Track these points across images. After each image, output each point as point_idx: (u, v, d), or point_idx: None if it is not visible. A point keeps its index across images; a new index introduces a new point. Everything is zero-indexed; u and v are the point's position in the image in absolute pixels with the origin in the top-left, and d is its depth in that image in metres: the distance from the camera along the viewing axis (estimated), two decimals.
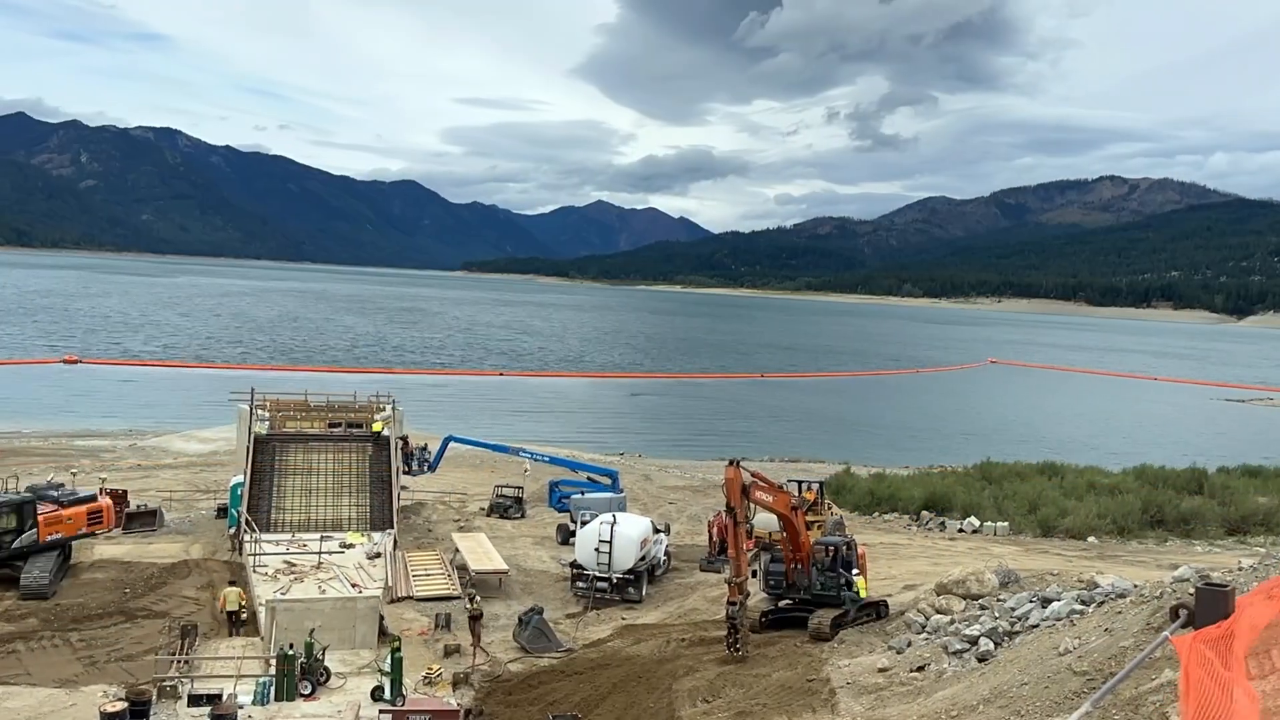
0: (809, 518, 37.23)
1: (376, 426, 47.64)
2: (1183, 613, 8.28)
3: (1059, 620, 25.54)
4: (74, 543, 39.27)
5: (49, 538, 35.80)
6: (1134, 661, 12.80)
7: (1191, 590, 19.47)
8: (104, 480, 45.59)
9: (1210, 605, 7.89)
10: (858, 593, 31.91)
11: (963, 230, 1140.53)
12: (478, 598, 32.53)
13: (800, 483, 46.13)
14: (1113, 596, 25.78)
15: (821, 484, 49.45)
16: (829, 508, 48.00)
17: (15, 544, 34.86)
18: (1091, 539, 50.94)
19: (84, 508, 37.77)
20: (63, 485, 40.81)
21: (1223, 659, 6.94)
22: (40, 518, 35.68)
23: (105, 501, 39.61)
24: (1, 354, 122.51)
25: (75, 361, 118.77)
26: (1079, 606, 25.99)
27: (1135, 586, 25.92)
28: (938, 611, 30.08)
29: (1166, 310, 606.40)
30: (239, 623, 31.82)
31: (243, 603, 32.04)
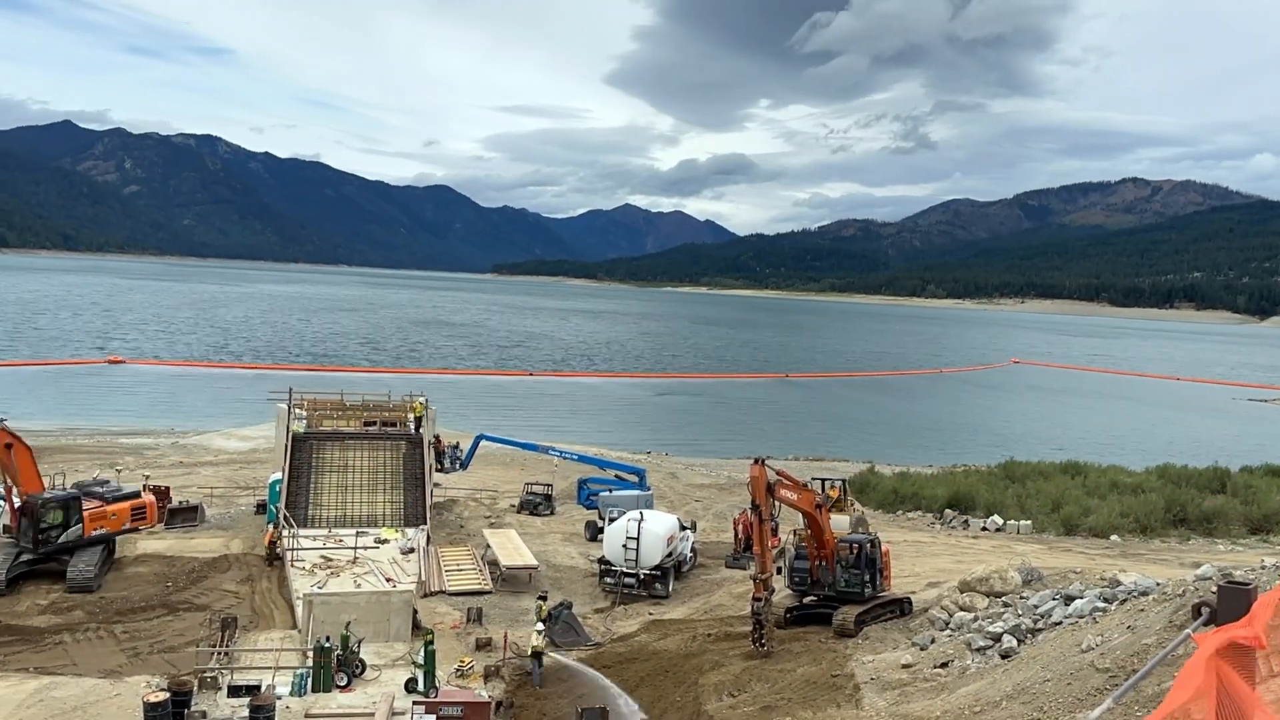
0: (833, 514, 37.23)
1: (416, 410, 48.31)
2: (1205, 610, 8.21)
3: (1082, 618, 25.30)
4: (118, 538, 39.75)
5: (94, 533, 36.23)
6: (1156, 659, 12.67)
7: (1214, 588, 19.28)
8: (147, 478, 46.08)
9: (1232, 603, 7.82)
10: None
11: (986, 232, 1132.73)
12: (548, 597, 32.55)
13: (824, 480, 45.89)
14: (1135, 594, 25.50)
15: (844, 481, 49.13)
16: (852, 505, 47.77)
17: (61, 539, 35.32)
18: (1114, 537, 50.42)
19: (128, 504, 38.17)
20: (108, 482, 41.29)
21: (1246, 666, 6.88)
22: (85, 513, 36.13)
23: (148, 498, 40.01)
24: (50, 355, 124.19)
25: (120, 362, 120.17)
26: (1101, 604, 25.73)
27: (1158, 585, 25.63)
28: (961, 609, 29.88)
29: (1189, 311, 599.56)
30: (276, 557, 35.10)
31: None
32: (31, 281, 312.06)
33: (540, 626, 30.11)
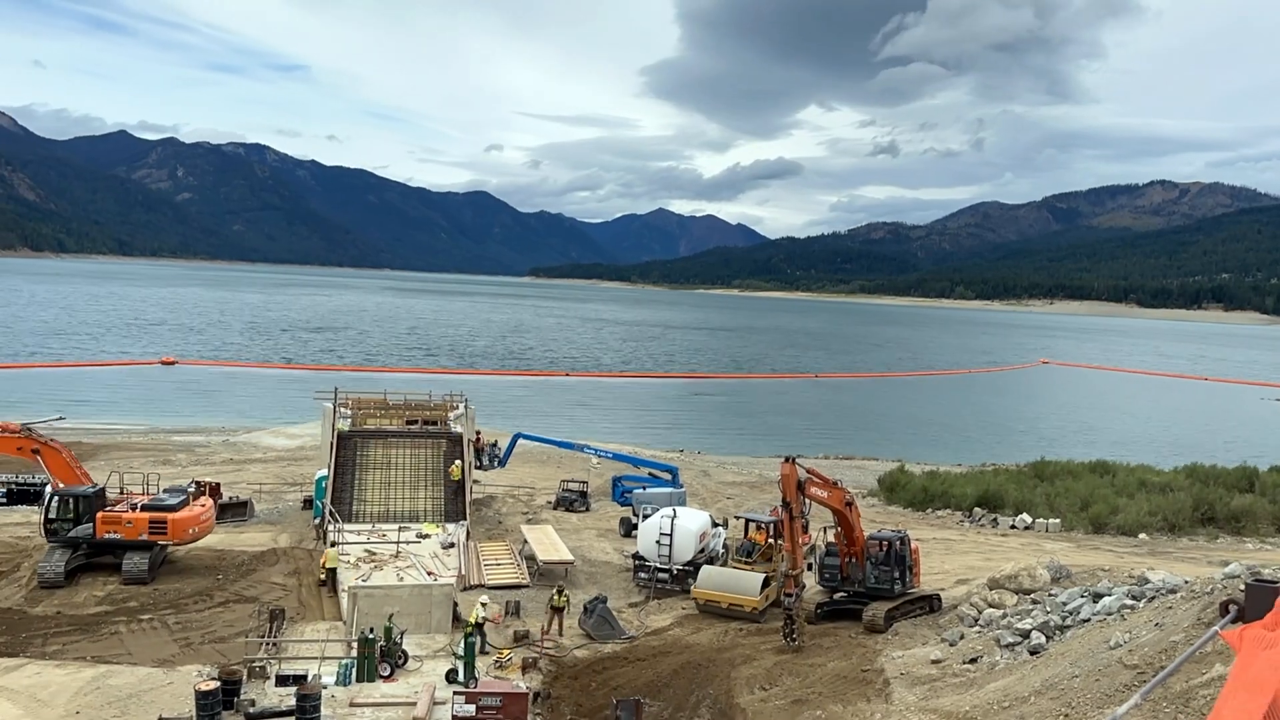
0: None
1: (454, 475, 45.87)
2: (1233, 608, 8.10)
3: (1110, 615, 24.99)
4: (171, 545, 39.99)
5: (105, 535, 35.22)
6: (1184, 655, 12.53)
7: (1242, 586, 18.97)
8: (195, 482, 46.17)
9: (1259, 601, 7.71)
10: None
11: (1015, 234, 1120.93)
12: (566, 592, 32.71)
13: (748, 520, 40.01)
14: (1163, 592, 25.16)
15: (776, 523, 36.70)
16: (783, 553, 35.51)
17: (70, 534, 35.46)
18: (1143, 536, 49.73)
19: (146, 515, 35.40)
20: (197, 483, 41.49)
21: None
22: (100, 515, 35.45)
23: (176, 515, 36.00)
24: (106, 356, 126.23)
25: (173, 363, 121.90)
26: (1130, 601, 25.40)
27: (1186, 582, 25.26)
28: (990, 605, 29.61)
29: (1217, 311, 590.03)
30: (333, 580, 33.64)
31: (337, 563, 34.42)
32: (88, 286, 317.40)
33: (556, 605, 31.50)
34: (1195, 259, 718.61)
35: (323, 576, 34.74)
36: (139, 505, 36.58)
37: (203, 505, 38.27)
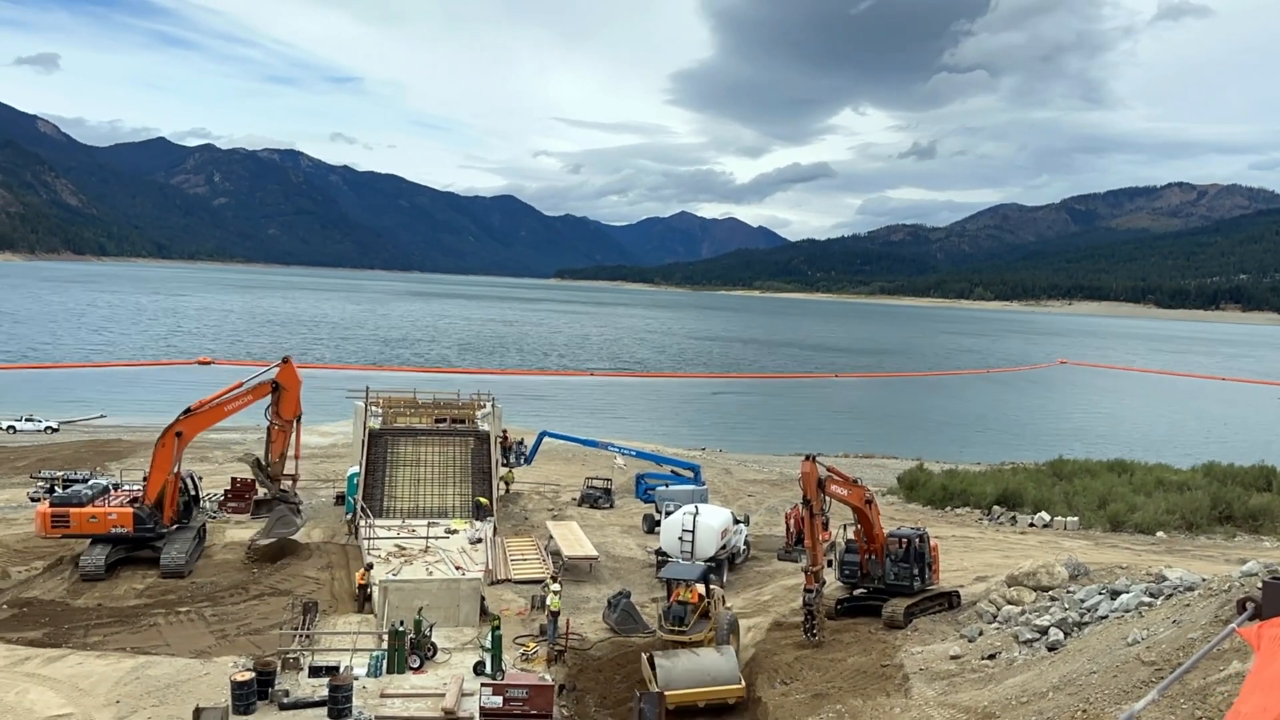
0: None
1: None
2: (1250, 605, 8.01)
3: (1127, 612, 24.73)
4: (208, 525, 40.63)
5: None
6: (1201, 651, 12.39)
7: (1259, 584, 18.74)
8: (222, 497, 46.48)
9: (1277, 598, 7.61)
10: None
11: (1034, 236, 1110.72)
12: (559, 592, 31.82)
13: (672, 582, 30.19)
14: (1181, 590, 24.86)
15: (708, 584, 30.46)
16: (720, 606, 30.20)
17: None
18: (1160, 534, 49.18)
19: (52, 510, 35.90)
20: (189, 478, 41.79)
21: None
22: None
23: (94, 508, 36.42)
24: (145, 356, 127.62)
25: (208, 363, 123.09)
26: (1147, 599, 25.12)
27: (1203, 580, 24.95)
28: (1009, 602, 29.37)
29: (1235, 312, 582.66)
30: (366, 598, 32.86)
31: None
32: (128, 287, 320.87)
33: (555, 587, 31.11)
34: (1213, 260, 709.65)
35: (356, 591, 33.74)
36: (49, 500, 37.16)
37: (115, 503, 37.64)
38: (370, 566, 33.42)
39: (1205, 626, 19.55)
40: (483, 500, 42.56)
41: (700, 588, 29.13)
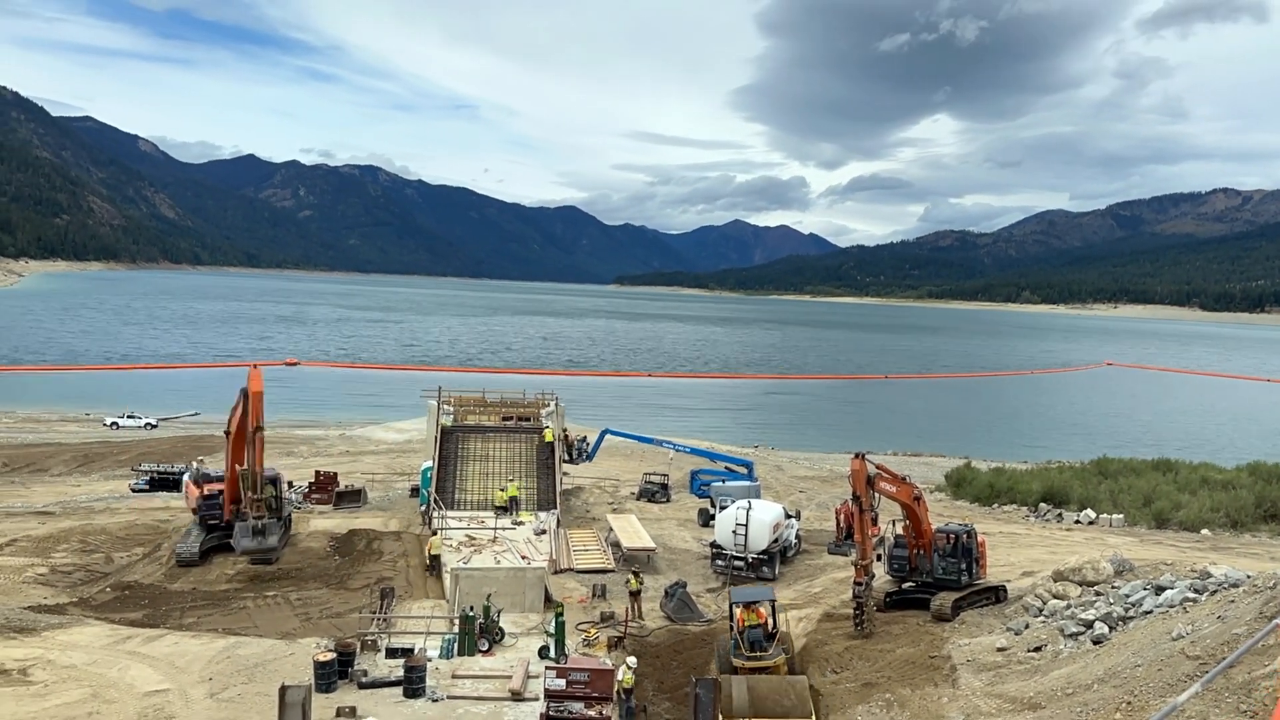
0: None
1: (548, 436, 47.62)
2: None
3: (1172, 607, 24.07)
4: (293, 515, 41.37)
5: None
6: (1245, 646, 12.03)
7: None
8: (306, 489, 47.41)
9: None
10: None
11: (1080, 241, 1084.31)
12: (641, 575, 32.83)
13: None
14: (1226, 586, 24.13)
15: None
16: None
17: None
18: (1205, 532, 47.70)
19: None
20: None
21: None
22: None
23: None
24: (234, 358, 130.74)
25: (295, 364, 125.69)
26: (1192, 595, 24.43)
27: (1248, 577, 24.19)
28: (1054, 597, 28.76)
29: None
30: (437, 565, 34.10)
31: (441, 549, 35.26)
32: (226, 294, 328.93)
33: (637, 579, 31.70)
34: (1258, 264, 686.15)
35: (429, 561, 35.48)
36: None
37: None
38: (438, 531, 34.32)
39: (1250, 622, 18.95)
40: (514, 493, 42.57)
41: (766, 608, 27.08)
